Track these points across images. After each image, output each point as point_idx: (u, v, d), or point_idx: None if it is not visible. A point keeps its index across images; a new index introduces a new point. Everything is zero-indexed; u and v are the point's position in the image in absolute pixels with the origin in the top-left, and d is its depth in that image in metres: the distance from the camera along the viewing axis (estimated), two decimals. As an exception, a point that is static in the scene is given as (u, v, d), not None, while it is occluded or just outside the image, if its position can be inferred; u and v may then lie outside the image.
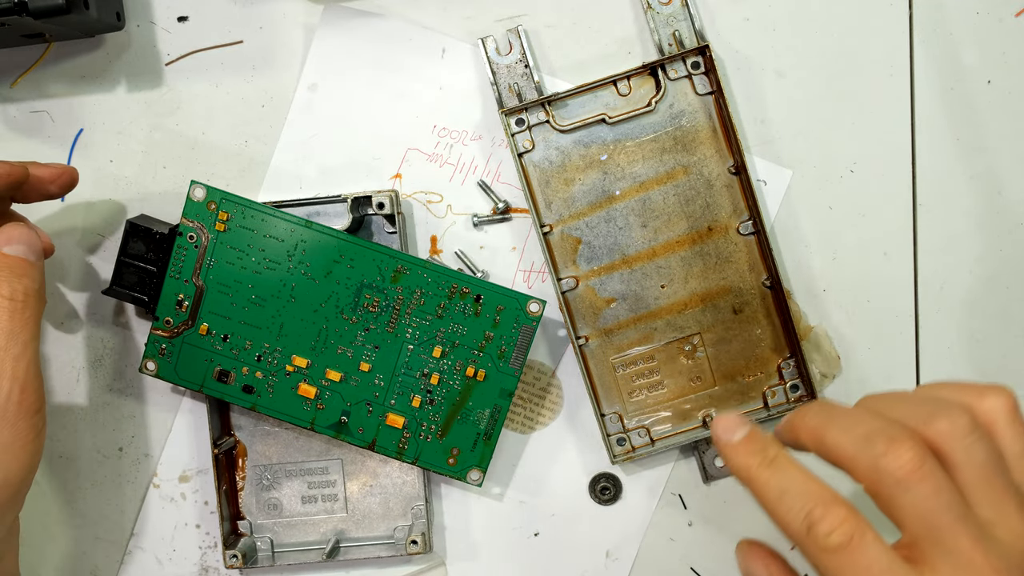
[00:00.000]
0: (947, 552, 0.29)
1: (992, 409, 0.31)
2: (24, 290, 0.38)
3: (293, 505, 0.46)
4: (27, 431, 0.38)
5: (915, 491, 0.30)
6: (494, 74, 0.44)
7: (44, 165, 0.41)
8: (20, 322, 0.37)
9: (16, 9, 0.39)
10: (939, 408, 0.31)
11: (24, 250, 0.39)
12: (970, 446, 0.30)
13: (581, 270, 0.44)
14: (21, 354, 0.37)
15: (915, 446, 0.30)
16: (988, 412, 0.31)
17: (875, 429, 0.31)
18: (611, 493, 0.46)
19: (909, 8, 0.44)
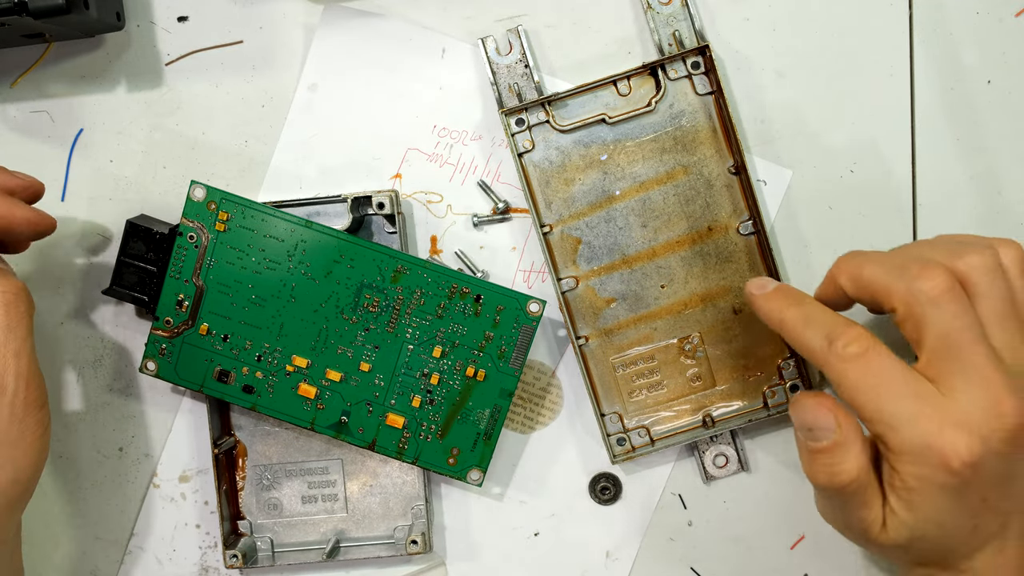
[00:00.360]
0: (963, 367, 0.33)
1: (1009, 255, 0.35)
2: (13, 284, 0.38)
3: (293, 505, 0.46)
4: (35, 427, 0.38)
5: (944, 308, 0.33)
6: (494, 74, 0.44)
7: (13, 174, 0.40)
8: (16, 316, 0.37)
9: (16, 9, 0.39)
10: (967, 246, 0.35)
11: None
12: (994, 280, 0.34)
13: (581, 270, 0.44)
14: (21, 349, 0.37)
15: (946, 272, 0.33)
16: (1007, 257, 0.35)
17: (909, 259, 0.34)
18: (611, 493, 0.46)
19: (909, 8, 0.44)
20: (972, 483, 0.32)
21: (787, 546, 0.46)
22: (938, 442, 0.32)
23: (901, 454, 0.33)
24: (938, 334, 0.33)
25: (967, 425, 0.32)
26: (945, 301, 0.33)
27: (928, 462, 0.32)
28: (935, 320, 0.33)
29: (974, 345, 0.33)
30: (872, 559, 0.45)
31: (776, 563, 0.46)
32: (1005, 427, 0.32)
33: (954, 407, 0.32)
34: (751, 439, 0.45)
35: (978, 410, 0.32)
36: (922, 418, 0.32)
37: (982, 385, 0.32)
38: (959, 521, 0.33)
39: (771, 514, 0.46)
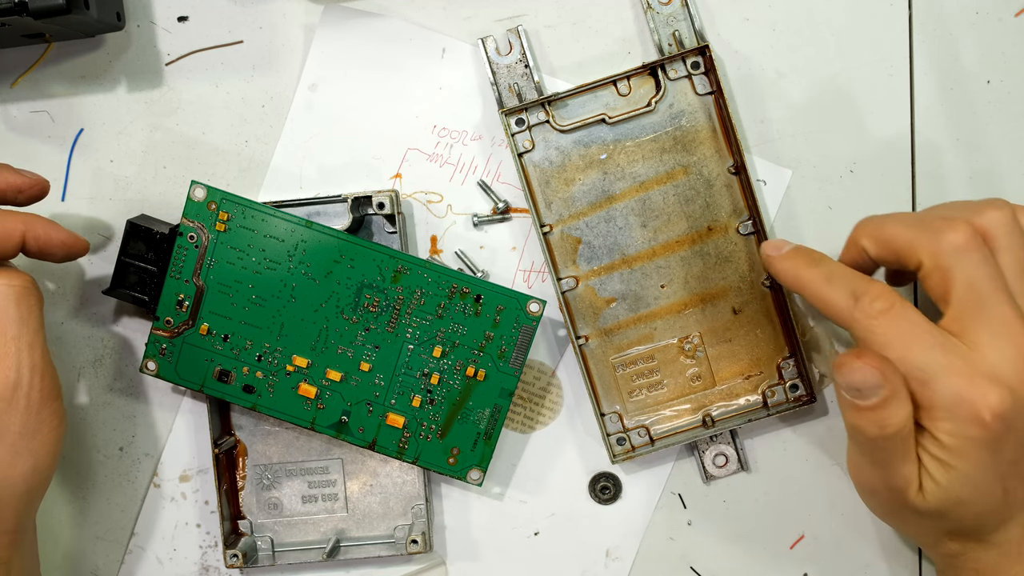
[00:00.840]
0: (989, 319, 0.33)
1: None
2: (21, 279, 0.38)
3: (293, 505, 0.46)
4: (51, 417, 0.38)
5: (970, 258, 0.34)
6: (494, 74, 0.44)
7: (19, 172, 0.40)
8: (26, 309, 0.38)
9: (16, 9, 0.39)
10: (985, 204, 0.36)
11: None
12: (1012, 234, 0.35)
13: (581, 270, 0.44)
14: (34, 341, 0.38)
15: (969, 225, 0.34)
16: (1023, 216, 0.36)
17: (931, 217, 0.35)
18: (611, 493, 0.46)
19: (909, 8, 0.44)
20: (1003, 439, 0.33)
21: (787, 546, 0.46)
22: (969, 394, 0.32)
23: (933, 408, 0.33)
24: (966, 284, 0.34)
25: (996, 377, 0.32)
26: (971, 250, 0.34)
27: (960, 415, 0.33)
28: (962, 269, 0.34)
29: (999, 294, 0.34)
30: (873, 558, 0.45)
31: (776, 563, 0.46)
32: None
33: (982, 360, 0.33)
34: (751, 439, 0.45)
35: (1006, 361, 0.33)
36: (952, 371, 0.33)
37: (1009, 337, 0.33)
38: (991, 483, 0.34)
39: (771, 514, 0.46)
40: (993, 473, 0.34)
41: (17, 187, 0.40)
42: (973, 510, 0.34)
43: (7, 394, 0.37)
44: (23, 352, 0.37)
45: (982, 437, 0.33)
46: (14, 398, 0.37)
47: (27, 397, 0.37)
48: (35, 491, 0.39)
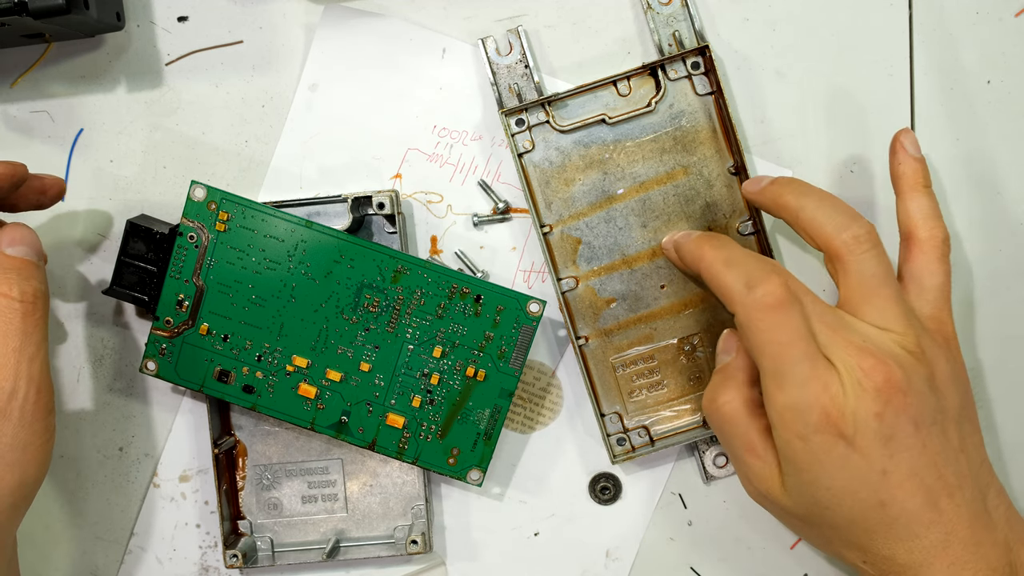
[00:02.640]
0: (875, 301, 0.36)
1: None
2: (33, 291, 0.38)
3: (293, 505, 0.46)
4: (42, 432, 0.38)
5: (863, 256, 0.36)
6: (494, 74, 0.44)
7: (38, 174, 0.41)
8: (32, 323, 0.38)
9: (16, 9, 0.39)
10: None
11: (27, 251, 0.39)
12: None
13: (581, 270, 0.44)
14: (35, 355, 0.38)
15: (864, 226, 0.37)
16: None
17: (839, 211, 0.37)
18: (611, 493, 0.46)
19: (909, 8, 0.44)
20: (854, 446, 0.34)
21: (787, 546, 0.46)
22: (820, 400, 0.34)
23: (784, 410, 0.34)
24: (860, 275, 0.36)
25: (840, 383, 0.34)
26: (868, 248, 0.37)
27: (808, 420, 0.34)
28: (857, 265, 0.36)
29: (888, 281, 0.37)
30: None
31: (776, 563, 0.46)
32: (874, 385, 0.34)
33: (840, 379, 0.34)
34: (751, 439, 0.45)
35: (848, 367, 0.34)
36: (811, 381, 0.34)
37: (887, 313, 0.36)
38: (857, 493, 0.34)
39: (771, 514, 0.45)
40: (854, 480, 0.34)
41: (40, 188, 0.41)
42: (845, 516, 0.35)
43: (1, 404, 0.37)
44: (22, 364, 0.37)
45: (827, 441, 0.34)
46: (8, 408, 0.37)
47: (21, 409, 0.37)
48: (20, 505, 0.38)
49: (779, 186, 0.39)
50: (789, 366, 0.34)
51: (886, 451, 0.34)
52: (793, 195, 0.38)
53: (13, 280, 0.38)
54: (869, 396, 0.34)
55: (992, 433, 0.45)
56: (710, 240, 0.39)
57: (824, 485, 0.34)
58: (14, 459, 0.37)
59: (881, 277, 0.36)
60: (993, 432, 0.45)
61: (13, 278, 0.38)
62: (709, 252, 0.38)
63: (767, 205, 0.40)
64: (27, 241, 0.39)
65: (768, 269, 0.36)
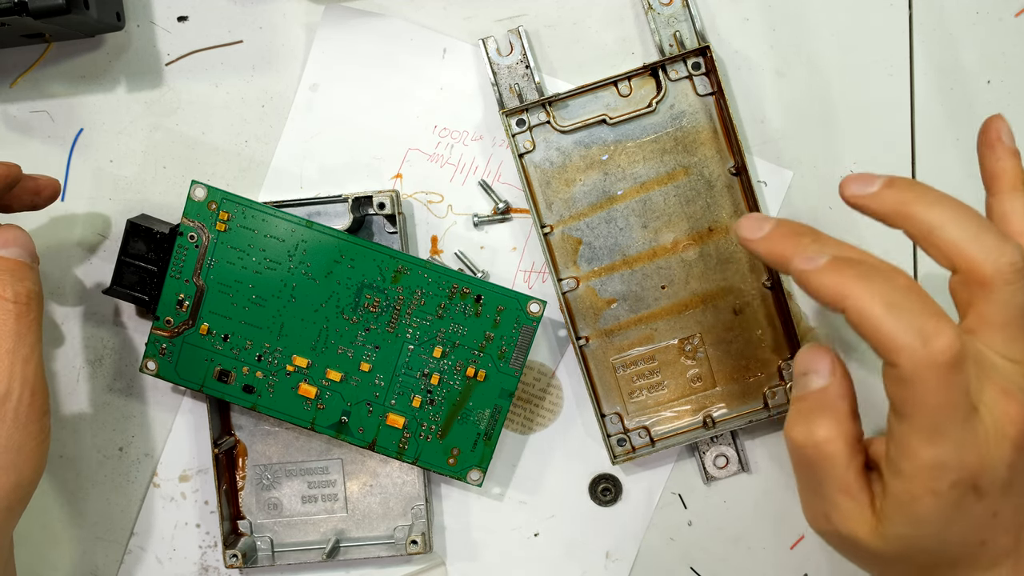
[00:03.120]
0: (1010, 332, 0.32)
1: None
2: (27, 292, 0.38)
3: (293, 505, 0.46)
4: (37, 433, 0.38)
5: (1017, 286, 0.31)
6: (495, 74, 0.44)
7: (32, 175, 0.41)
8: (25, 324, 0.38)
9: (16, 9, 0.39)
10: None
11: (20, 252, 0.39)
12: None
13: (582, 271, 0.44)
14: (29, 356, 0.38)
15: (1018, 252, 0.32)
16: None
17: (985, 229, 0.32)
18: (611, 494, 0.46)
19: (909, 8, 0.44)
20: (983, 497, 0.31)
21: (787, 546, 0.46)
22: (968, 459, 0.30)
23: (927, 467, 0.30)
24: (1015, 310, 0.32)
25: (987, 434, 0.31)
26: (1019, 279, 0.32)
27: (949, 476, 0.30)
28: (1009, 298, 0.32)
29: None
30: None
31: (776, 563, 0.46)
32: (1016, 432, 0.31)
33: (983, 432, 0.31)
34: (751, 440, 0.45)
35: (993, 414, 0.31)
36: (968, 440, 0.30)
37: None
38: (966, 536, 0.32)
39: (771, 514, 0.46)
40: (967, 527, 0.32)
41: (35, 190, 0.41)
42: (941, 558, 0.33)
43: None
44: (16, 366, 0.37)
45: (961, 495, 0.31)
46: (2, 411, 0.37)
47: (15, 411, 0.37)
48: (15, 507, 0.38)
49: (900, 191, 0.33)
50: (950, 425, 0.30)
51: (1004, 496, 0.32)
52: (923, 206, 0.32)
53: (7, 281, 0.38)
54: (1008, 445, 0.31)
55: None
56: (852, 268, 0.31)
57: (938, 535, 0.32)
58: (9, 461, 0.37)
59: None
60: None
61: (6, 279, 0.38)
62: (859, 290, 0.30)
63: (884, 214, 0.33)
64: (20, 242, 0.39)
65: (938, 315, 0.30)
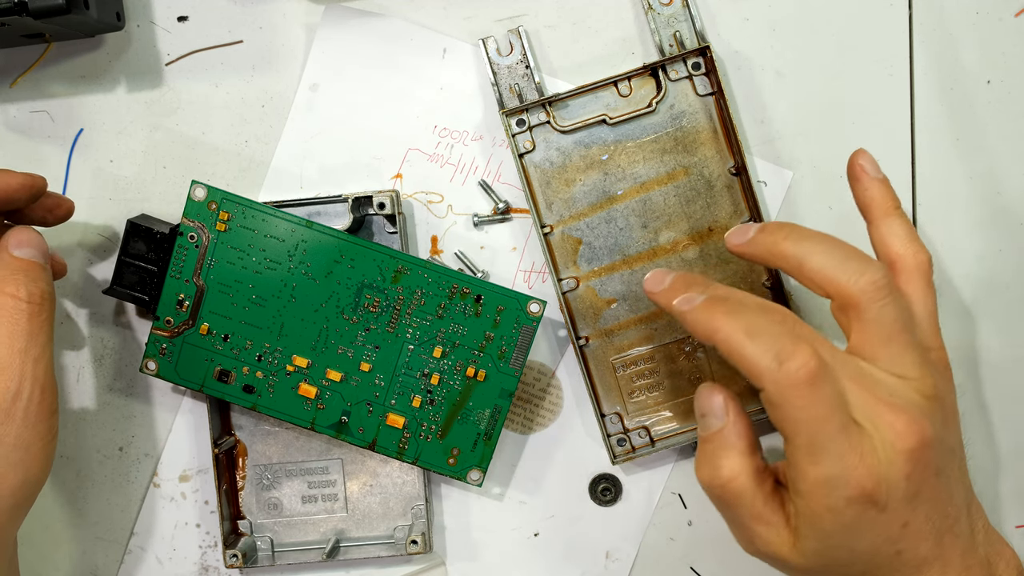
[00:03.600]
0: (892, 348, 0.34)
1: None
2: (40, 293, 0.38)
3: (293, 505, 0.46)
4: (45, 432, 0.38)
5: (883, 303, 0.34)
6: (495, 75, 0.44)
7: (54, 193, 0.42)
8: (37, 324, 0.38)
9: (16, 9, 0.39)
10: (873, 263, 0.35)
11: (34, 253, 0.39)
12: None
13: (582, 271, 0.44)
14: (40, 356, 0.38)
15: (879, 271, 0.34)
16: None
17: (849, 256, 0.35)
18: (611, 494, 0.46)
19: (909, 8, 0.44)
20: (884, 510, 0.32)
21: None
22: (856, 473, 0.32)
23: (817, 485, 0.32)
24: (881, 323, 0.34)
25: (875, 450, 0.32)
26: (885, 295, 0.34)
27: (842, 493, 0.32)
28: (876, 314, 0.34)
29: (906, 331, 0.35)
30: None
31: (776, 563, 0.46)
32: (907, 446, 0.32)
33: (871, 442, 0.32)
34: (751, 439, 0.45)
35: (880, 430, 0.33)
36: (848, 454, 0.32)
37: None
38: (877, 547, 0.33)
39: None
40: (876, 539, 0.33)
41: (50, 206, 0.42)
42: (858, 569, 0.34)
43: (6, 404, 0.37)
44: (27, 365, 0.37)
45: (859, 511, 0.32)
46: (13, 409, 0.37)
47: (25, 410, 0.37)
48: (22, 505, 0.38)
49: (770, 234, 0.36)
50: (826, 441, 0.32)
51: (910, 507, 0.33)
52: (791, 242, 0.35)
53: (20, 281, 0.38)
54: (901, 459, 0.32)
55: (989, 436, 0.45)
56: (721, 306, 0.34)
57: (847, 547, 0.33)
58: (17, 459, 0.37)
59: (902, 323, 0.34)
60: (990, 435, 0.45)
61: (20, 279, 0.38)
62: (724, 323, 0.33)
63: (760, 256, 0.36)
64: (34, 243, 0.40)
65: (795, 335, 0.33)
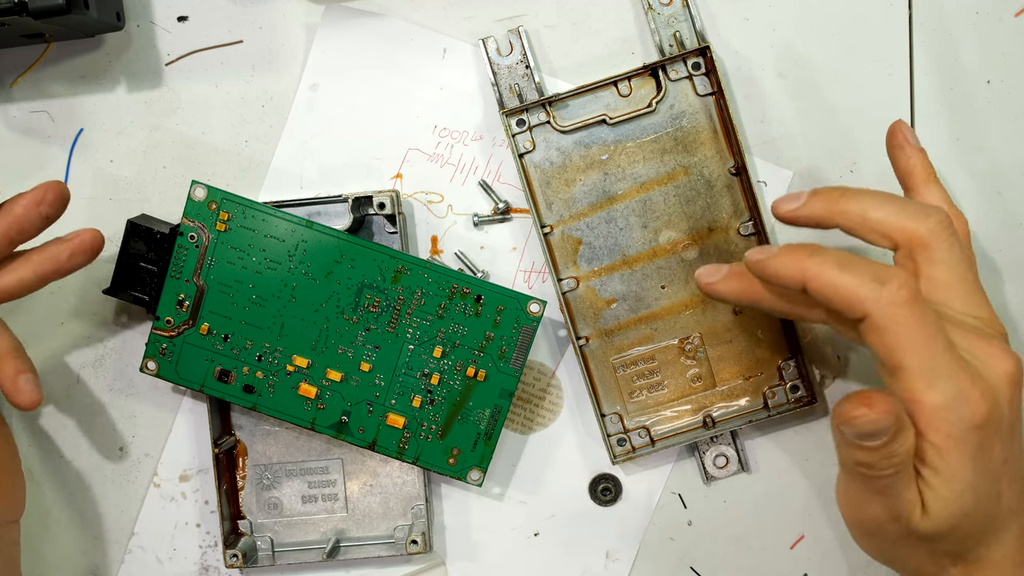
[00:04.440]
0: (963, 288, 0.35)
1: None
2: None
3: (293, 505, 0.46)
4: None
5: (951, 241, 0.34)
6: (495, 75, 0.44)
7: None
8: None
9: (16, 9, 0.39)
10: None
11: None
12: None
13: (582, 271, 0.44)
14: None
15: (942, 212, 0.35)
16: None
17: (908, 202, 0.35)
18: (611, 494, 0.46)
19: (909, 8, 0.44)
20: (998, 435, 0.32)
21: (787, 546, 0.46)
22: (970, 393, 0.32)
23: (937, 410, 0.32)
24: (954, 261, 0.34)
25: (981, 374, 0.33)
26: (951, 233, 0.35)
27: (963, 417, 0.32)
28: (947, 248, 0.34)
29: (973, 267, 0.36)
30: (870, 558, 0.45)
31: (776, 563, 0.46)
32: (1006, 372, 0.33)
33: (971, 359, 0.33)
34: (751, 440, 0.45)
35: (977, 358, 0.33)
36: (958, 370, 0.32)
37: (969, 297, 0.35)
38: (990, 485, 0.33)
39: (771, 514, 0.46)
40: (990, 474, 0.33)
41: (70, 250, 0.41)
42: (977, 520, 0.33)
43: None
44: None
45: (980, 437, 0.32)
46: None
47: None
48: None
49: (825, 194, 0.36)
50: (939, 361, 0.32)
51: (1011, 439, 0.33)
52: (849, 198, 0.35)
53: None
54: (1004, 383, 0.33)
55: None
56: (804, 249, 0.34)
57: (973, 487, 0.33)
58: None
59: (967, 262, 0.35)
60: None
61: None
62: (813, 262, 0.33)
63: (818, 217, 0.36)
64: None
65: (886, 266, 0.33)
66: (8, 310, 0.46)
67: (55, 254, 0.40)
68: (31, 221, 0.39)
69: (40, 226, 0.40)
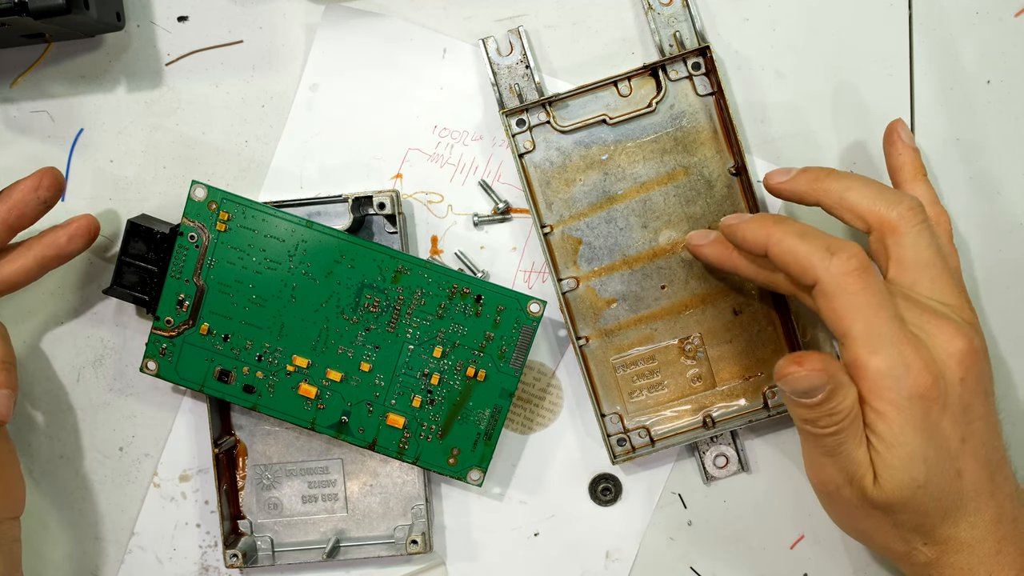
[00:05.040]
0: (931, 273, 0.36)
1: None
2: None
3: (293, 505, 0.46)
4: None
5: (920, 227, 0.36)
6: (495, 75, 0.44)
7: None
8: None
9: (16, 9, 0.39)
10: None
11: None
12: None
13: (582, 271, 0.44)
14: None
15: (915, 200, 0.37)
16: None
17: (886, 188, 0.37)
18: (611, 494, 0.46)
19: (909, 8, 0.44)
20: (942, 411, 0.34)
21: (787, 546, 0.46)
22: (914, 363, 0.33)
23: (880, 376, 0.33)
24: (921, 244, 0.36)
25: (927, 346, 0.34)
26: (921, 220, 0.37)
27: (904, 384, 0.33)
28: (914, 236, 0.36)
29: (942, 254, 0.37)
30: (872, 558, 0.45)
31: (776, 563, 0.46)
32: (957, 350, 0.34)
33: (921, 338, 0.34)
34: (751, 439, 0.45)
35: (928, 334, 0.35)
36: (903, 340, 0.34)
37: (929, 270, 0.36)
38: (943, 460, 0.34)
39: (771, 514, 0.46)
40: (942, 449, 0.34)
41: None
42: (932, 493, 0.34)
43: None
44: None
45: (923, 408, 0.33)
46: None
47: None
48: None
49: (813, 172, 0.38)
50: (883, 328, 0.33)
51: (965, 418, 0.34)
52: (833, 178, 0.38)
53: None
54: (953, 360, 0.34)
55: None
56: (772, 218, 0.37)
57: (920, 457, 0.34)
58: None
59: (935, 249, 0.36)
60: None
61: None
62: (776, 228, 0.36)
63: (802, 192, 0.39)
64: None
65: (841, 239, 0.35)
66: (8, 310, 0.46)
67: (54, 239, 0.42)
68: (30, 205, 0.41)
69: (39, 211, 0.41)
